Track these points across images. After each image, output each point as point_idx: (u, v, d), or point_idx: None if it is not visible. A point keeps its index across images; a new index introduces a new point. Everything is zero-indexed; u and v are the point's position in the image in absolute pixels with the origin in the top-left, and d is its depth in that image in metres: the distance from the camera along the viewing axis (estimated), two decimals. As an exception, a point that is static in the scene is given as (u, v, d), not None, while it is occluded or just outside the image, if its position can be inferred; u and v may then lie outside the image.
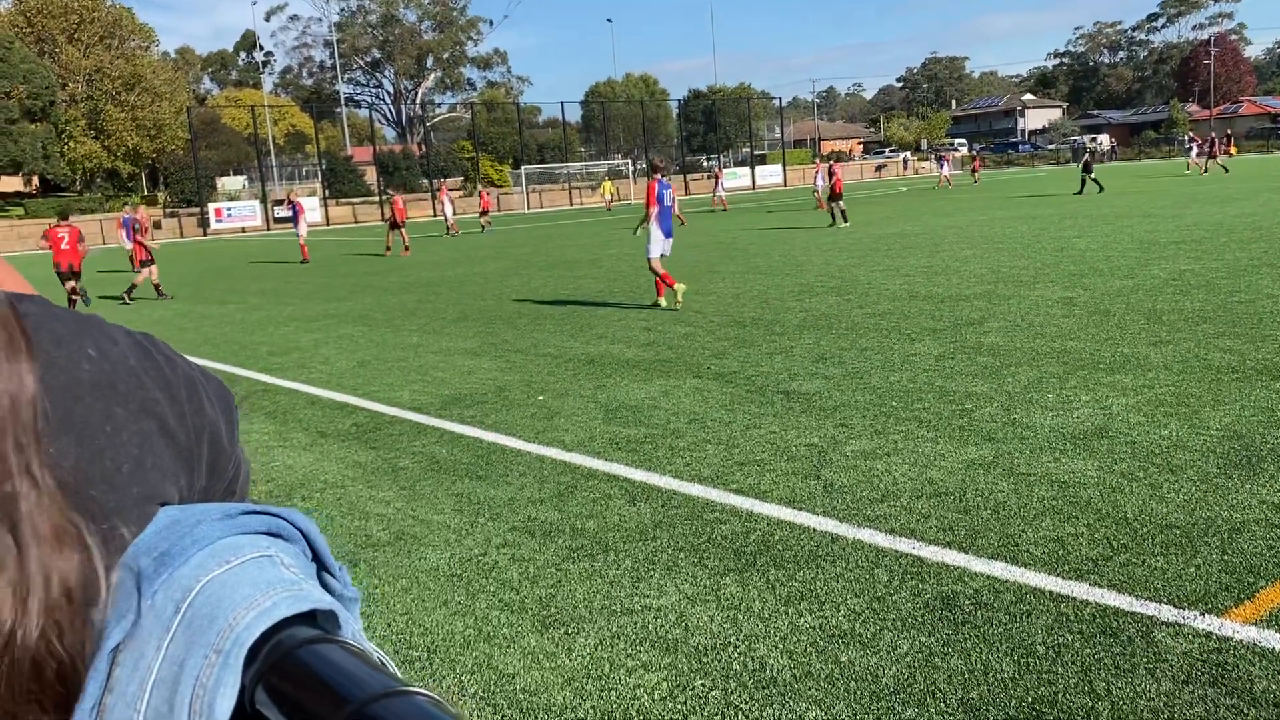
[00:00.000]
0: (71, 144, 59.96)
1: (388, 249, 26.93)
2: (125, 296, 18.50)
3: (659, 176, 12.65)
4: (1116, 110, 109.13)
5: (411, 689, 0.48)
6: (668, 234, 12.37)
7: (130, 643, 0.56)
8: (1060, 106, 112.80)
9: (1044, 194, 34.23)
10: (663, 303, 12.36)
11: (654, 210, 12.29)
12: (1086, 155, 34.49)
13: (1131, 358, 7.54)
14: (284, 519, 0.66)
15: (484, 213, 37.50)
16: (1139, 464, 5.12)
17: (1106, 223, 20.34)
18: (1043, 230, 19.61)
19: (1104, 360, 7.53)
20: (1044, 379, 7.07)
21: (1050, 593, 3.74)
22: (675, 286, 12.07)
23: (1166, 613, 3.52)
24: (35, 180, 64.78)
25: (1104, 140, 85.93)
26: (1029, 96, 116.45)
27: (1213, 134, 53.28)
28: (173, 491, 0.65)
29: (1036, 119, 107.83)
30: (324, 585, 0.69)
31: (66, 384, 0.60)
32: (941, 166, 50.97)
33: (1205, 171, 43.04)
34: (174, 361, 0.69)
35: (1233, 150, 66.49)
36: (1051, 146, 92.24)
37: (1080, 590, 3.73)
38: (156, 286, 18.61)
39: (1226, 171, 42.59)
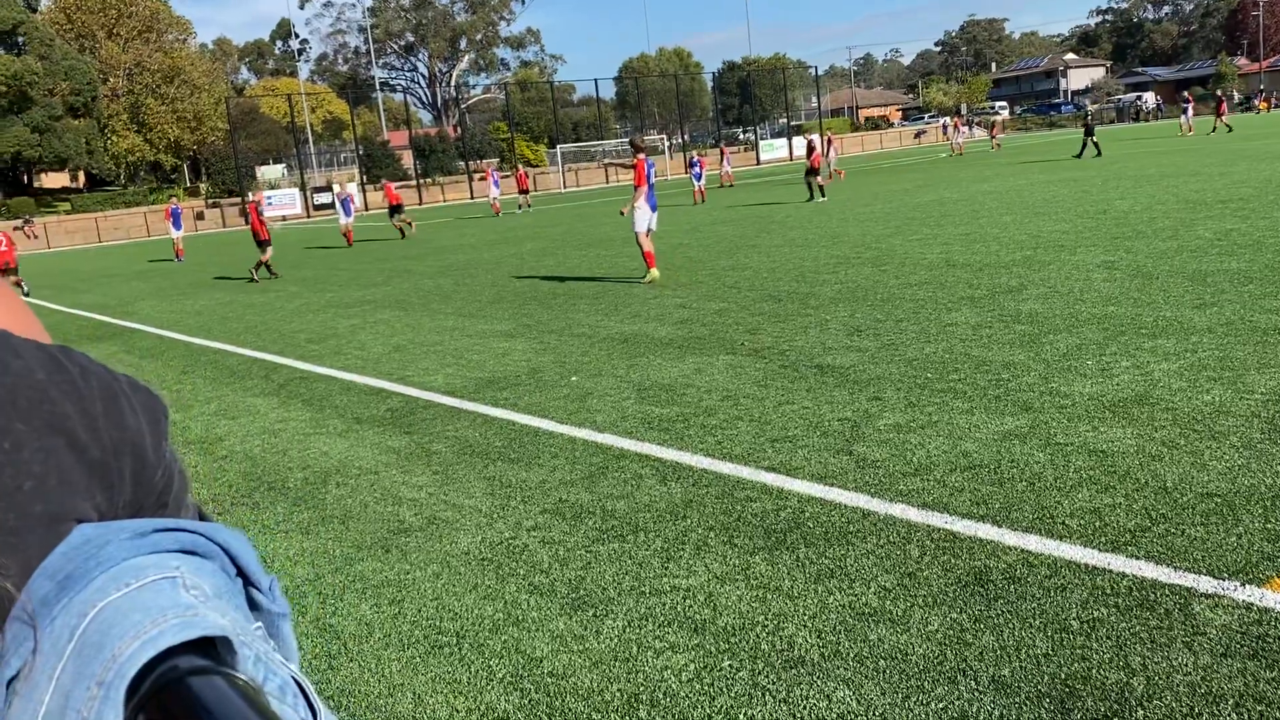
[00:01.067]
0: (114, 138, 60.88)
1: (402, 232, 27.93)
2: (270, 273, 19.59)
3: (643, 155, 13.20)
4: (1162, 67, 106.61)
5: None
6: (654, 208, 13.10)
7: (28, 672, 0.55)
8: (1104, 65, 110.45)
9: (1084, 156, 33.56)
10: (655, 274, 12.87)
11: (643, 189, 12.91)
12: (1089, 118, 34.26)
13: (1174, 321, 7.37)
14: (201, 535, 0.65)
15: (523, 191, 37.65)
16: (1180, 431, 5.01)
17: (1150, 183, 19.90)
18: (1084, 193, 19.23)
19: (1145, 325, 7.36)
20: (1083, 346, 6.94)
21: (1086, 565, 3.67)
22: (653, 269, 12.89)
23: (1205, 584, 3.44)
24: (81, 175, 65.89)
25: (1149, 98, 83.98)
26: (1071, 56, 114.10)
27: (1219, 91, 51.75)
28: (87, 508, 0.63)
29: (1079, 78, 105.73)
30: (251, 601, 0.67)
31: None
32: (957, 133, 48.93)
33: (1213, 131, 42.00)
34: (90, 373, 0.67)
35: (1263, 106, 64.17)
36: (1095, 106, 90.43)
37: (1117, 562, 3.66)
38: (268, 265, 19.62)
39: (1229, 130, 41.54)
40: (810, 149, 26.46)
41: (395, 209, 28.42)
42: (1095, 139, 33.27)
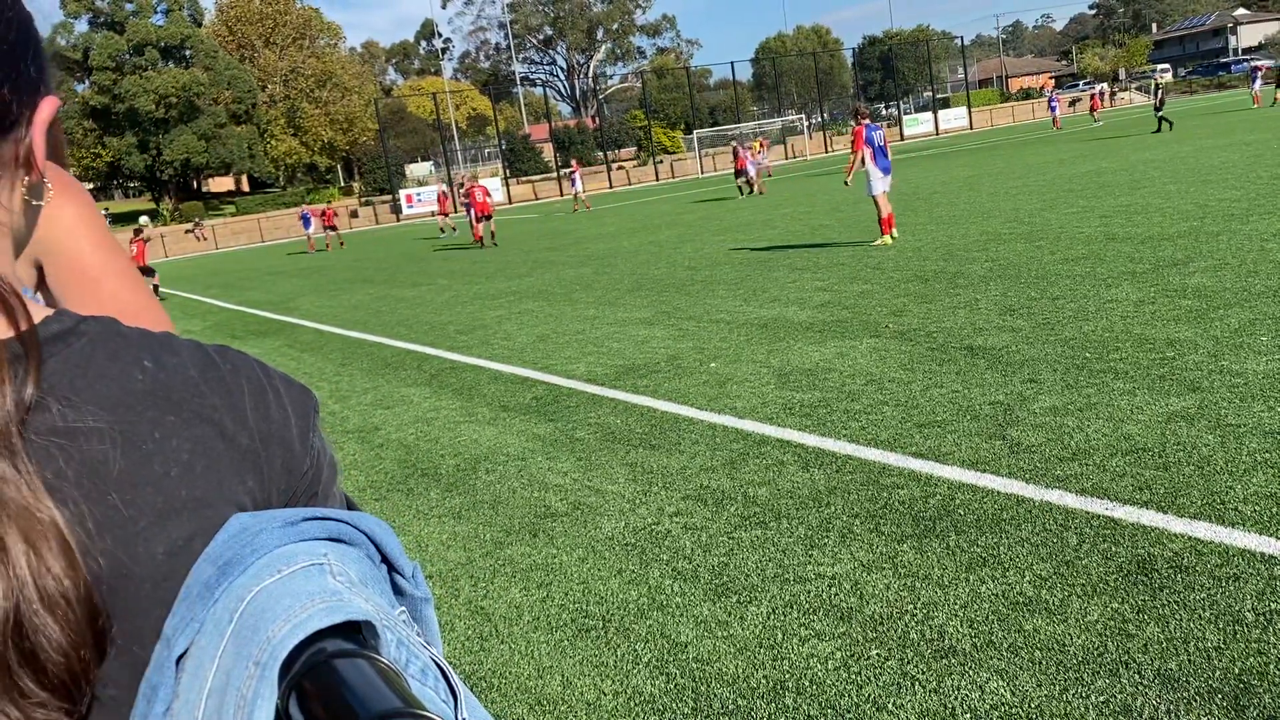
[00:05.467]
0: (273, 142, 64.03)
1: (328, 245, 34.31)
2: (493, 241, 24.56)
3: (865, 121, 13.68)
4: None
5: (416, 712, 0.48)
6: (886, 170, 13.43)
7: (194, 651, 0.58)
8: (1279, 18, 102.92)
9: (1249, 118, 31.41)
10: (888, 240, 13.39)
11: (866, 152, 13.42)
12: (1161, 93, 32.77)
13: (1362, 293, 6.83)
14: (347, 523, 0.67)
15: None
16: (1369, 411, 4.64)
17: (1334, 144, 18.46)
18: (1257, 158, 18.00)
19: (1329, 297, 6.85)
20: (1257, 321, 6.51)
21: (1261, 554, 3.44)
22: (890, 235, 13.42)
23: (1400, 576, 3.18)
24: (244, 179, 69.65)
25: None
26: (1241, 11, 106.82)
27: (1263, 62, 47.64)
28: (239, 492, 0.67)
29: (1251, 35, 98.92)
30: (395, 587, 0.70)
31: (117, 394, 0.63)
32: (1052, 109, 48.29)
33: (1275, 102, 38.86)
34: (240, 370, 0.71)
35: None
36: (1270, 63, 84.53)
37: (1297, 552, 3.42)
38: (492, 234, 24.77)
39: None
40: (736, 154, 31.41)
41: (331, 227, 36.26)
42: (1163, 114, 31.79)
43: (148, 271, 22.93)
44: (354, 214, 56.07)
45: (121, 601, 0.59)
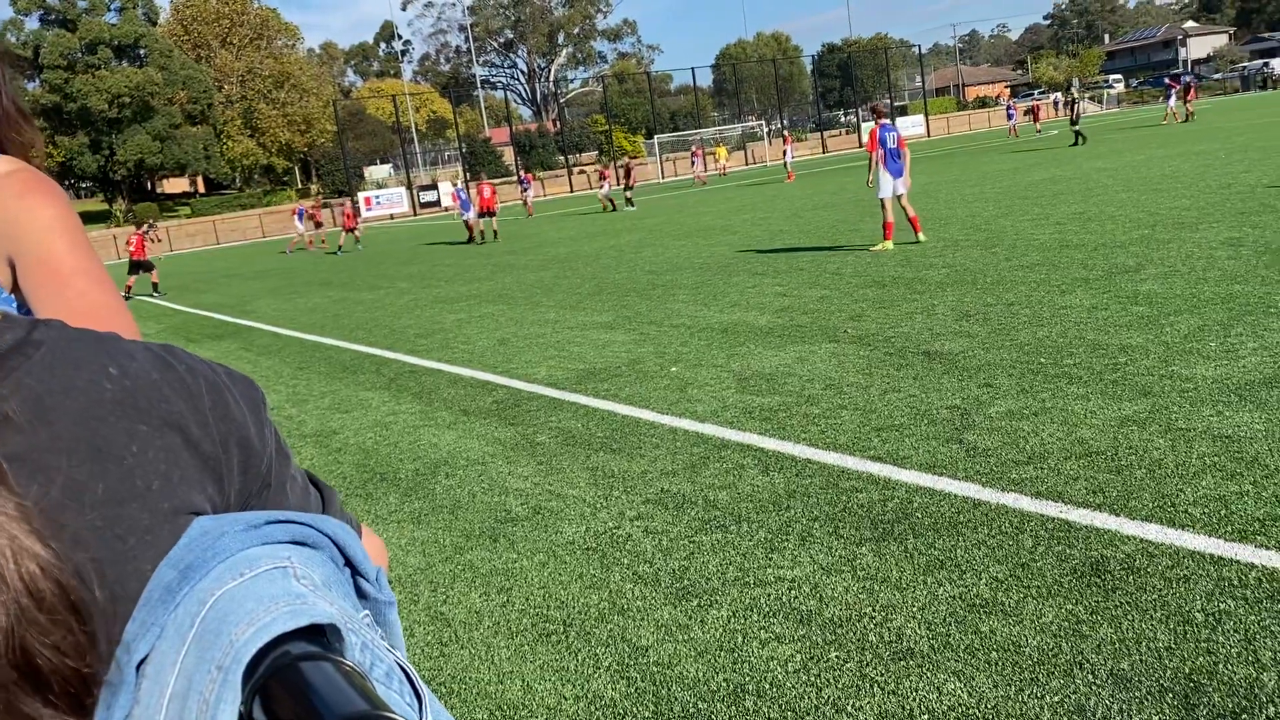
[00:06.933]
0: (229, 143, 63.18)
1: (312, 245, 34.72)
2: (495, 237, 26.04)
3: (882, 121, 13.40)
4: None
5: (383, 714, 0.48)
6: (896, 174, 13.03)
7: (154, 656, 0.57)
8: (1227, 32, 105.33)
9: (1193, 130, 32.08)
10: (889, 246, 12.87)
11: (879, 154, 13.04)
12: (1075, 104, 33.63)
13: (1306, 300, 6.99)
14: (311, 526, 0.67)
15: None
16: (1313, 415, 4.75)
17: None
18: (1207, 167, 18.38)
19: (1275, 304, 7.01)
20: (1206, 327, 6.64)
21: (1210, 556, 3.52)
22: (889, 242, 12.88)
23: (1343, 576, 3.26)
24: (199, 180, 68.66)
25: (1278, 65, 79.77)
26: (1191, 24, 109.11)
27: (1186, 76, 49.07)
28: (201, 500, 0.65)
29: (1200, 47, 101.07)
30: (359, 590, 0.69)
31: (88, 406, 0.61)
32: (1010, 118, 50.80)
33: (1185, 119, 39.74)
34: (195, 370, 0.69)
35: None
36: (1218, 75, 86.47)
37: (1244, 553, 3.50)
38: (495, 232, 26.07)
39: (1190, 119, 39.18)
40: (627, 171, 34.41)
41: (319, 224, 35.46)
42: (1079, 128, 32.55)
43: (146, 266, 22.53)
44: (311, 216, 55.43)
45: (110, 622, 0.58)
